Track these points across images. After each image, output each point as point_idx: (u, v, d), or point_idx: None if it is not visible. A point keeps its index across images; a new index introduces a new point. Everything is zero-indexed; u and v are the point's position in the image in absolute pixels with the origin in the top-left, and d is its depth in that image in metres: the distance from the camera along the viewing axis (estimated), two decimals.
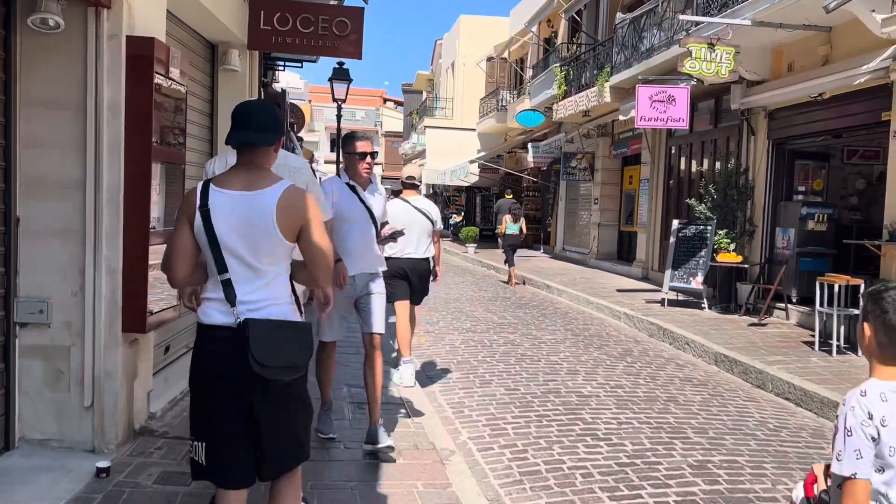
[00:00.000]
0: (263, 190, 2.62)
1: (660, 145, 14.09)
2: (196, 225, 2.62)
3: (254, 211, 2.60)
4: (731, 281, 10.38)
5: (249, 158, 2.68)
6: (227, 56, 6.80)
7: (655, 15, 12.21)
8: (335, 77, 13.24)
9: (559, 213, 20.50)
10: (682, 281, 10.68)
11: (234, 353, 2.53)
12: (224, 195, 2.62)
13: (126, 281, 4.16)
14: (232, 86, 6.99)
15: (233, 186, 2.64)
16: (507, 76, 26.96)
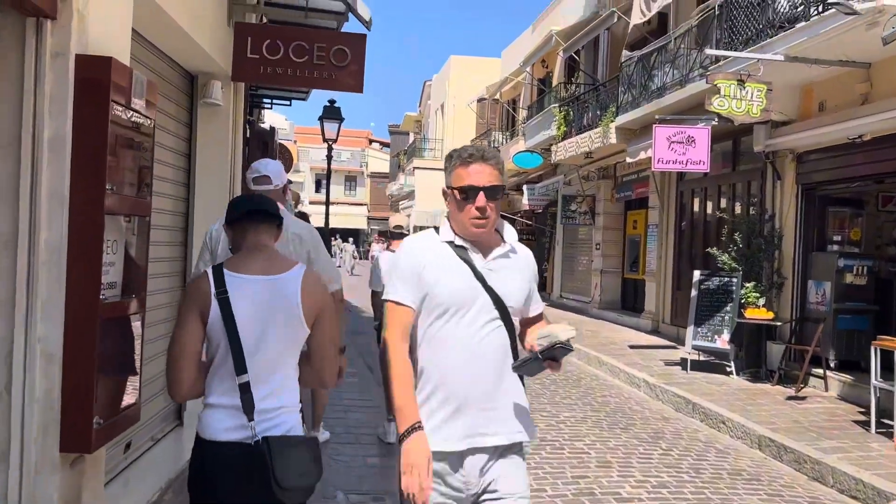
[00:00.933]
0: (284, 274, 2.50)
1: (669, 189, 13.32)
2: (212, 316, 2.39)
3: (278, 297, 2.45)
4: (760, 339, 9.47)
5: (255, 240, 2.54)
6: (207, 88, 5.89)
7: (667, 52, 11.53)
8: (326, 116, 12.42)
9: (556, 258, 19.66)
10: (705, 339, 9.76)
11: (248, 475, 2.29)
12: (244, 280, 2.45)
13: (68, 372, 3.15)
14: (213, 122, 6.07)
15: (251, 270, 2.48)
16: (498, 117, 26.36)
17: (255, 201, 2.66)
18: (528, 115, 20.53)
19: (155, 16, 4.40)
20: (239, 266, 2.49)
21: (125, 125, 3.52)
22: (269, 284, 2.45)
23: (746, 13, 9.27)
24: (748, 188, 10.95)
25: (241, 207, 2.62)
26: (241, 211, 2.58)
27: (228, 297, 2.39)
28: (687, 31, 10.91)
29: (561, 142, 15.91)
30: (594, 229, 16.62)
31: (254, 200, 2.67)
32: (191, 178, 6.04)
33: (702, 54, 10.47)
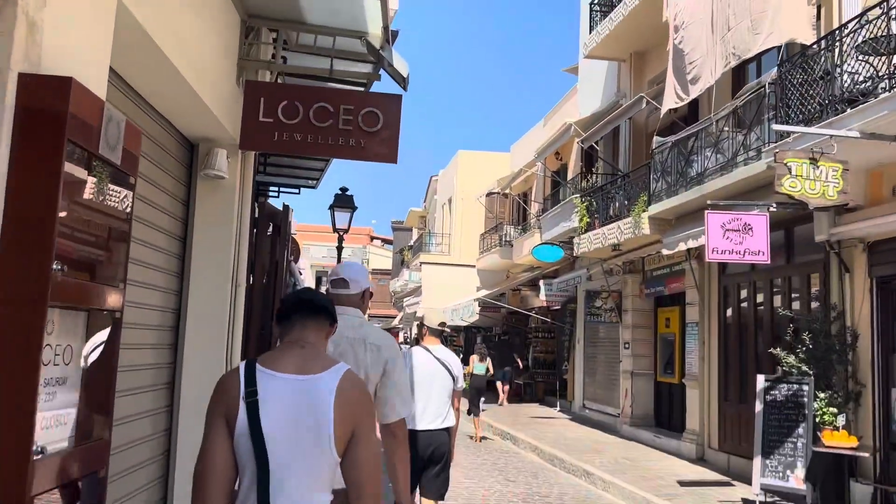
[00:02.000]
0: (320, 374, 2.17)
1: (710, 283, 12.23)
2: (238, 425, 2.06)
3: (308, 402, 2.10)
4: (840, 476, 8.07)
5: (299, 335, 2.28)
6: (210, 158, 4.89)
7: (708, 135, 10.69)
8: (337, 205, 11.46)
9: (577, 359, 18.35)
10: (776, 475, 8.28)
11: None
12: (276, 379, 2.14)
13: None
14: (215, 199, 5.03)
15: (285, 367, 2.18)
16: (508, 211, 25.63)
17: (305, 294, 2.44)
18: (544, 208, 19.72)
19: (148, 58, 3.40)
20: (273, 361, 2.20)
21: (90, 179, 2.45)
22: (300, 385, 2.14)
23: (802, 90, 8.45)
24: (807, 282, 9.86)
25: (291, 300, 2.40)
26: (289, 304, 2.36)
27: (258, 401, 2.07)
28: (731, 113, 10.10)
29: (584, 234, 14.94)
30: (622, 327, 15.41)
31: (305, 293, 2.45)
32: (185, 265, 4.94)
33: (750, 136, 9.63)
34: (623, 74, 16.29)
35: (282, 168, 10.05)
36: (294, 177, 10.62)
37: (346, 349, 3.06)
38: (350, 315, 3.18)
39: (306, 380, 2.15)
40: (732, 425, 11.34)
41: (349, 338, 3.09)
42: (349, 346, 3.08)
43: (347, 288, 3.28)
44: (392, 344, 3.22)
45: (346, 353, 3.03)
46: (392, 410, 3.05)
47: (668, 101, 11.89)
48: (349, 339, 3.09)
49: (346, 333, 3.07)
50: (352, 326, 3.13)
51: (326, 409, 2.09)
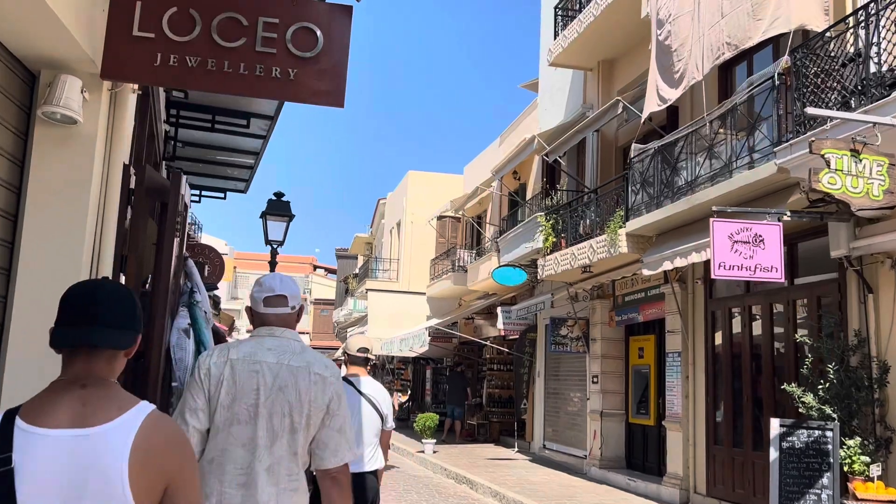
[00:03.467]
0: (106, 426, 1.54)
1: (695, 308, 10.87)
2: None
3: (90, 467, 1.49)
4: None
5: (85, 369, 1.59)
6: (53, 91, 3.20)
7: (700, 138, 9.39)
8: (271, 212, 9.69)
9: (537, 395, 16.79)
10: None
11: None
12: (39, 437, 1.51)
13: None
14: (65, 153, 3.33)
15: (54, 420, 1.53)
16: (461, 234, 24.15)
17: (91, 291, 1.65)
18: (501, 230, 18.29)
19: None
20: (37, 412, 1.55)
21: None
22: (77, 445, 1.50)
23: (819, 80, 7.19)
24: (816, 305, 8.55)
25: (69, 302, 1.64)
26: (66, 310, 1.63)
27: (12, 471, 1.46)
28: (729, 112, 8.82)
29: (550, 254, 13.51)
30: (589, 358, 13.95)
31: (91, 289, 1.66)
32: (13, 257, 3.22)
33: (754, 136, 8.34)
34: (590, 84, 15.08)
35: (199, 164, 8.32)
36: (217, 176, 8.89)
37: (287, 380, 2.57)
38: (289, 338, 2.70)
39: (87, 435, 1.52)
40: (724, 470, 9.92)
41: (291, 366, 2.59)
42: (290, 377, 2.58)
43: (286, 306, 2.74)
44: (337, 373, 2.74)
45: (286, 385, 2.56)
46: (333, 455, 2.58)
47: (650, 103, 10.61)
48: (291, 368, 2.59)
49: (288, 361, 2.60)
50: (293, 352, 2.64)
51: (117, 475, 1.49)
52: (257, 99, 6.35)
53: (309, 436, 2.54)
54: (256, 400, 2.50)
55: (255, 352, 2.58)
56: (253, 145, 7.57)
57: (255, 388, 2.51)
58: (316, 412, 2.56)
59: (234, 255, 57.78)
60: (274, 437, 2.48)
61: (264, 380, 2.52)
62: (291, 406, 2.52)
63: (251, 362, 2.54)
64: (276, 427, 2.49)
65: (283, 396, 2.52)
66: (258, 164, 8.17)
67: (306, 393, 2.55)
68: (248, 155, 7.90)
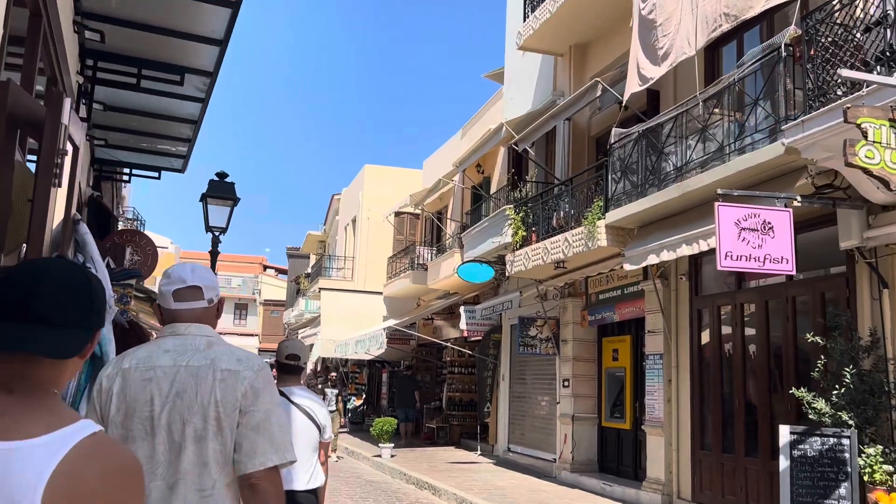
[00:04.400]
0: (25, 442, 1.25)
1: (679, 307, 10.09)
2: None
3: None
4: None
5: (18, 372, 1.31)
6: None
7: (692, 119, 8.58)
8: (212, 194, 8.48)
9: (501, 398, 15.89)
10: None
11: None
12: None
13: None
14: None
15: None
16: (420, 231, 23.17)
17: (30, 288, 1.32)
18: (464, 226, 17.36)
19: None
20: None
21: None
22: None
23: (833, 52, 6.42)
24: (820, 302, 7.80)
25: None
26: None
27: None
28: (727, 89, 8.02)
29: (519, 249, 12.61)
30: (560, 360, 13.10)
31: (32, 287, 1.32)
32: None
33: (756, 113, 7.55)
34: (561, 71, 14.26)
35: (128, 135, 7.16)
36: (150, 151, 7.73)
37: (186, 383, 2.14)
38: (194, 335, 2.26)
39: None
40: (713, 476, 9.15)
41: (191, 367, 2.16)
42: (189, 379, 2.14)
43: (201, 299, 2.32)
44: (255, 365, 2.23)
45: (185, 389, 2.13)
46: (249, 457, 2.12)
47: (630, 83, 9.79)
48: (190, 370, 2.15)
49: (187, 361, 2.17)
50: (195, 350, 2.21)
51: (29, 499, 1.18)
52: (192, 49, 5.28)
53: (226, 441, 2.16)
54: (151, 412, 2.14)
55: (149, 356, 2.20)
56: (190, 111, 6.46)
57: (149, 398, 2.14)
58: (227, 414, 2.17)
59: (179, 255, 55.77)
60: (177, 450, 2.13)
61: (159, 387, 2.16)
62: (192, 411, 2.16)
63: (144, 369, 2.17)
64: (176, 438, 2.14)
65: (181, 402, 2.16)
66: (196, 136, 7.05)
67: (209, 393, 2.17)
68: (184, 124, 6.78)
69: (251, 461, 2.15)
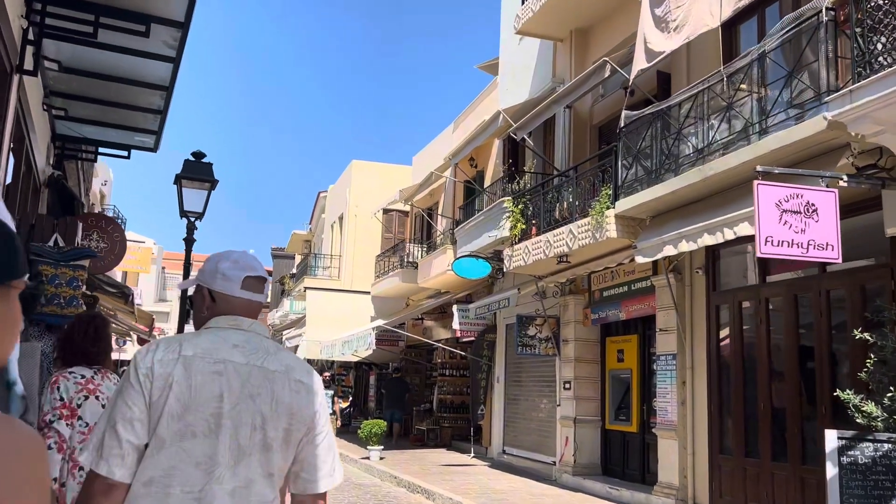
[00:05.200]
0: None
1: (694, 303, 9.38)
2: None
3: None
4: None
5: None
6: None
7: (714, 96, 7.87)
8: (187, 175, 7.62)
9: (496, 401, 15.14)
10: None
11: None
12: None
13: None
14: None
15: None
16: (409, 229, 22.40)
17: None
18: (458, 221, 16.61)
19: None
20: None
21: None
22: None
23: (888, 9, 5.74)
24: (860, 295, 7.11)
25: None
26: None
27: None
28: (757, 61, 7.31)
29: (518, 243, 11.87)
30: (560, 361, 12.37)
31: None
32: None
33: (791, 86, 6.85)
34: (561, 57, 13.56)
35: (91, 105, 6.34)
36: (118, 126, 6.90)
37: (261, 386, 1.96)
38: (260, 334, 2.07)
39: None
40: (733, 481, 8.47)
41: (266, 369, 1.98)
42: (265, 382, 1.98)
43: (262, 293, 2.15)
44: (321, 382, 2.13)
45: (259, 392, 1.96)
46: (328, 476, 2.06)
47: (638, 59, 9.09)
48: (266, 372, 1.98)
49: (261, 362, 1.98)
50: (266, 352, 2.03)
51: None
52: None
53: (288, 456, 2.00)
54: (219, 409, 1.91)
55: (216, 348, 1.97)
56: (160, 74, 5.65)
57: (218, 393, 1.92)
58: (298, 427, 2.02)
59: (162, 255, 54.48)
60: (240, 454, 1.92)
61: (229, 384, 1.94)
62: (265, 418, 1.96)
63: (212, 361, 1.94)
64: (243, 443, 1.92)
65: (253, 406, 1.96)
66: (168, 107, 6.24)
67: (286, 402, 2.00)
68: (154, 91, 5.97)
69: (329, 480, 2.08)
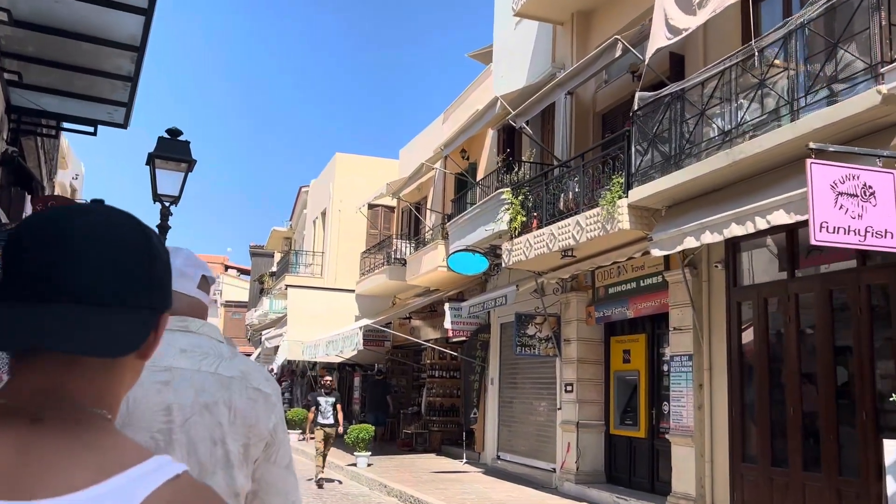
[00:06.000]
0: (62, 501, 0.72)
1: (713, 300, 8.74)
2: None
3: None
4: None
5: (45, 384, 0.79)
6: None
7: (743, 73, 7.21)
8: (161, 154, 6.76)
9: (490, 404, 14.43)
10: None
11: None
12: None
13: None
14: None
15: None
16: (396, 224, 21.64)
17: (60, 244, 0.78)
18: (449, 215, 15.88)
19: None
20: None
21: None
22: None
23: None
24: None
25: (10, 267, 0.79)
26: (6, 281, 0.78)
27: None
28: (796, 32, 6.66)
29: (518, 237, 11.17)
30: (562, 362, 11.68)
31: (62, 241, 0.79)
32: None
33: (836, 58, 6.21)
34: (561, 41, 12.90)
35: (52, 69, 5.53)
36: (83, 96, 6.08)
37: (218, 396, 1.63)
38: (211, 337, 1.74)
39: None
40: (759, 491, 7.84)
41: (221, 376, 1.65)
42: (222, 391, 1.64)
43: (208, 291, 1.86)
44: (279, 391, 1.81)
45: (216, 402, 1.63)
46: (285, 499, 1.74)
47: (657, 37, 8.42)
48: (221, 379, 1.65)
49: (215, 368, 1.66)
50: (220, 357, 1.69)
51: None
52: None
53: (249, 473, 1.67)
54: (168, 424, 1.59)
55: (160, 354, 1.51)
56: (129, 31, 4.86)
57: (165, 406, 1.60)
58: (256, 441, 1.68)
59: None
60: (202, 472, 1.59)
61: (178, 395, 1.60)
62: (224, 431, 1.63)
63: (157, 369, 1.59)
64: (203, 460, 1.59)
65: (210, 418, 1.62)
66: (139, 74, 5.44)
67: (244, 414, 1.66)
68: (123, 52, 5.17)
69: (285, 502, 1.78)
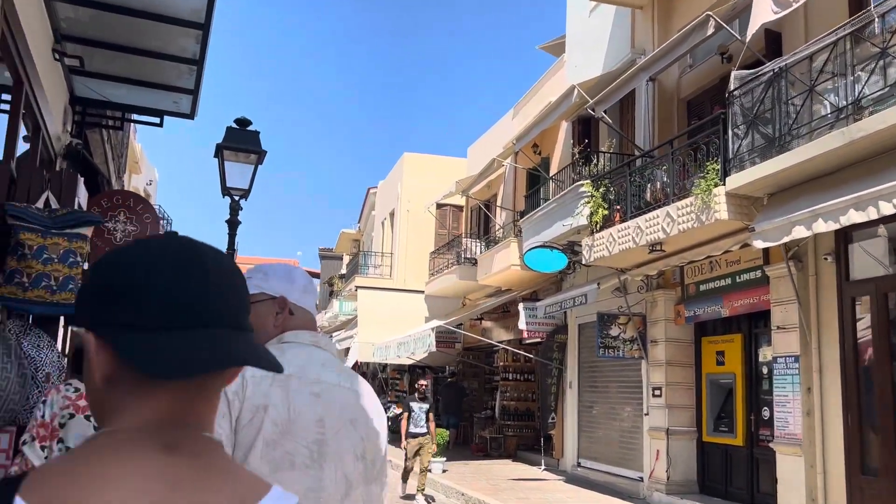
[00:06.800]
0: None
1: (819, 296, 7.95)
2: None
3: None
4: None
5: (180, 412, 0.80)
6: None
7: (862, 41, 6.44)
8: (229, 145, 6.45)
9: (568, 408, 13.80)
10: None
11: None
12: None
13: None
14: None
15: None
16: (465, 223, 21.20)
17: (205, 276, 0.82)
18: (521, 212, 15.32)
19: None
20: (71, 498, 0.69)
21: None
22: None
23: None
24: None
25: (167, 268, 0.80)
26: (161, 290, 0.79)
27: None
28: None
29: (599, 231, 10.53)
30: (648, 365, 10.99)
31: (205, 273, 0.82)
32: None
33: None
34: (640, 26, 12.22)
35: (112, 52, 5.25)
36: (146, 83, 5.80)
37: (357, 411, 1.67)
38: (333, 355, 1.75)
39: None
40: None
41: (356, 392, 1.68)
42: (360, 407, 1.68)
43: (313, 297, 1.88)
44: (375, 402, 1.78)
45: (357, 417, 1.66)
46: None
47: (761, 11, 7.68)
48: (356, 395, 1.68)
49: (350, 384, 1.69)
50: (347, 373, 1.74)
51: None
52: None
53: (383, 487, 1.70)
54: (321, 436, 1.59)
55: (308, 366, 1.64)
56: (192, 4, 4.51)
57: (318, 418, 1.60)
58: (379, 458, 1.71)
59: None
60: (348, 487, 1.62)
61: (328, 407, 1.61)
62: (364, 446, 1.64)
63: (310, 381, 1.62)
64: (348, 473, 1.62)
65: (354, 433, 1.64)
66: (205, 54, 5.11)
67: (376, 431, 1.70)
68: (187, 29, 4.84)
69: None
